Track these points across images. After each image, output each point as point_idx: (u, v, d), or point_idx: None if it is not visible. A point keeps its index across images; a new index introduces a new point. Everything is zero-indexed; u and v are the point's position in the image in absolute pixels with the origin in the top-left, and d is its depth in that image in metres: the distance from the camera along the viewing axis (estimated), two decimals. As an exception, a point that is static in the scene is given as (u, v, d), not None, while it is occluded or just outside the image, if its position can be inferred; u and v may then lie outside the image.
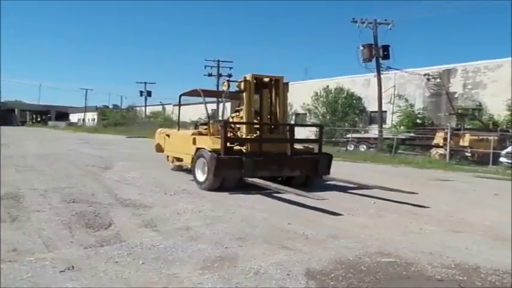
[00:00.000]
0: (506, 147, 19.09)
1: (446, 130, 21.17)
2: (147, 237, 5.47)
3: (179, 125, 13.47)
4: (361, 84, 35.00)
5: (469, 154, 20.31)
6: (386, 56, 28.64)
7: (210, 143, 9.77)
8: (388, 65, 29.15)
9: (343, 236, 5.90)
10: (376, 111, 29.71)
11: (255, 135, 10.00)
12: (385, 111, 31.27)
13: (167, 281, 4.04)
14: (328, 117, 35.19)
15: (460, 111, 26.47)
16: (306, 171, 10.25)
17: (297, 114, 40.15)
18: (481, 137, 20.62)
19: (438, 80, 30.68)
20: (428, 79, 31.08)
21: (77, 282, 3.91)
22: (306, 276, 4.32)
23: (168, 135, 12.88)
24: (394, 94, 32.66)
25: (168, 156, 13.00)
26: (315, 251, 5.20)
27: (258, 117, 10.50)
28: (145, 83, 68.24)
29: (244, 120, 10.05)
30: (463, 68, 29.66)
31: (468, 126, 24.06)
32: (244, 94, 9.96)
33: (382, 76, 29.07)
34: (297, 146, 10.51)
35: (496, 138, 19.91)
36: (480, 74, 28.64)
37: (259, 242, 5.53)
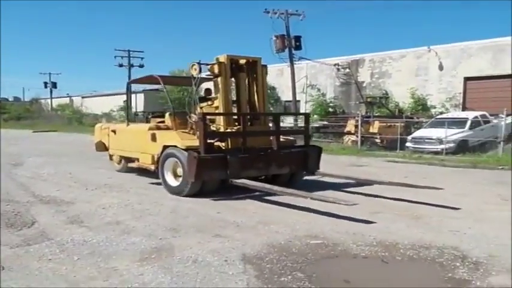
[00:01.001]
0: (411, 133, 20.58)
1: (357, 118, 22.38)
2: (76, 234, 5.43)
3: (128, 119, 11.40)
4: (275, 74, 35.71)
5: (378, 140, 21.62)
6: (298, 47, 29.48)
7: (179, 138, 8.41)
8: (300, 55, 30.07)
9: (272, 222, 6.20)
10: (290, 101, 30.61)
11: (235, 128, 8.49)
12: (299, 101, 32.29)
13: (107, 274, 4.08)
14: (242, 106, 35.67)
15: (368, 99, 28.04)
16: (295, 168, 9.12)
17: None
18: (388, 124, 22.01)
19: (347, 70, 32.22)
20: (338, 69, 32.50)
21: (11, 282, 3.83)
22: (242, 261, 4.55)
23: (114, 131, 10.98)
24: (307, 84, 33.84)
25: (111, 156, 11.35)
26: (247, 237, 5.45)
27: (235, 106, 9.10)
28: (49, 73, 64.65)
29: (221, 111, 8.47)
30: (370, 58, 31.41)
31: (376, 114, 25.60)
32: (219, 79, 8.36)
33: (295, 66, 29.97)
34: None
35: (402, 124, 21.37)
36: (386, 64, 30.51)
37: (192, 231, 5.68)
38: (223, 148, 8.35)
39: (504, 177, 11.44)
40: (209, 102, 9.47)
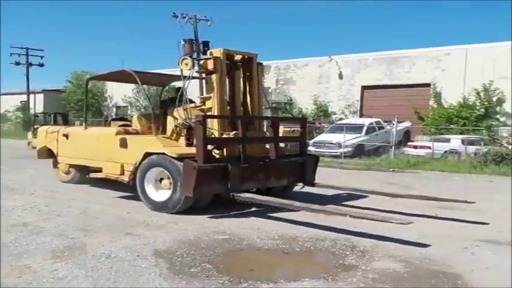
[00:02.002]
0: (313, 138, 21.80)
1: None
2: (-20, 236, 5.36)
3: (86, 121, 10.07)
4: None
5: (282, 144, 22.58)
6: (206, 52, 29.85)
7: (163, 145, 7.35)
8: (209, 59, 30.40)
9: (181, 221, 6.54)
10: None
11: (231, 133, 7.42)
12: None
13: (20, 271, 4.18)
14: (150, 109, 35.40)
15: (274, 105, 29.18)
16: (293, 179, 8.37)
17: (118, 107, 39.69)
18: (292, 129, 23.08)
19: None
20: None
21: None
22: (154, 256, 4.85)
23: (65, 136, 9.35)
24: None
25: (56, 164, 9.95)
26: (157, 234, 5.74)
27: (228, 108, 7.93)
28: None
29: (215, 112, 7.34)
30: (276, 65, 32.66)
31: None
32: (213, 76, 7.30)
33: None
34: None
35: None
36: (290, 71, 31.97)
37: (102, 231, 5.86)
38: (218, 157, 7.39)
39: (394, 178, 12.69)
40: (195, 103, 8.13)
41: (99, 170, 8.52)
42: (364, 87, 28.93)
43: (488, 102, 23.44)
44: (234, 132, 7.40)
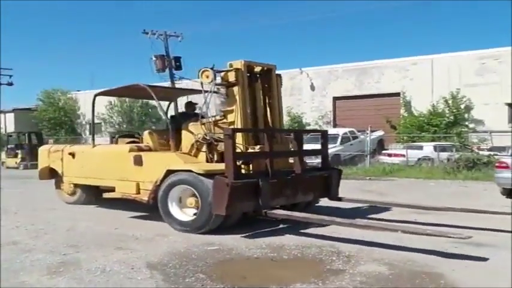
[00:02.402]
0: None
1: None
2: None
3: (94, 138, 9.39)
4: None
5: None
6: (179, 67, 30.06)
7: (183, 161, 7.03)
8: (181, 75, 30.58)
9: (170, 234, 6.67)
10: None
11: (256, 147, 7.10)
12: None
13: (19, 288, 4.26)
14: (124, 126, 35.33)
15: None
16: (319, 194, 8.00)
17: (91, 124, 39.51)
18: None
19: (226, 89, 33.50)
20: (218, 89, 33.53)
21: None
22: (148, 268, 4.98)
23: (72, 154, 8.93)
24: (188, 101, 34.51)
25: (60, 185, 9.53)
26: (148, 248, 5.88)
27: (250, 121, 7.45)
28: None
29: (238, 126, 6.97)
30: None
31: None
32: (234, 89, 7.04)
33: (176, 85, 30.42)
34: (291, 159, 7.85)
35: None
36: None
37: (94, 247, 5.94)
38: (245, 172, 7.05)
39: (371, 186, 13.05)
40: (217, 117, 7.73)
41: (111, 190, 8.10)
42: (335, 98, 29.55)
43: (457, 109, 24.29)
44: (258, 146, 7.09)
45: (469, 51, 25.84)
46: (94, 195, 9.02)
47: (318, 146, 19.69)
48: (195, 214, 6.67)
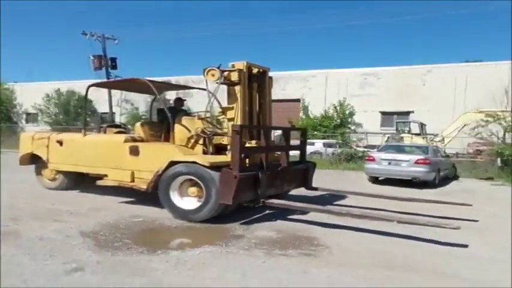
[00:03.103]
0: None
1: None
2: None
3: (85, 127, 8.47)
4: (92, 89, 34.52)
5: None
6: (114, 67, 29.14)
7: (184, 153, 6.52)
8: (116, 74, 29.67)
9: (101, 209, 6.72)
10: (106, 113, 29.93)
11: (253, 142, 6.70)
12: (115, 113, 31.75)
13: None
14: (61, 117, 33.56)
15: (174, 114, 29.42)
16: (298, 184, 7.78)
17: (28, 114, 37.00)
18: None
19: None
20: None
21: None
22: (81, 235, 5.06)
23: (59, 142, 8.06)
24: (121, 99, 33.51)
25: (41, 170, 8.59)
26: (81, 220, 5.89)
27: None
28: None
29: (238, 122, 6.46)
30: (176, 80, 32.76)
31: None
32: (236, 88, 6.58)
33: (111, 83, 29.58)
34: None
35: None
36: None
37: (32, 219, 5.85)
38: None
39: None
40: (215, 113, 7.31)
41: (100, 178, 7.39)
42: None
43: (343, 114, 25.95)
44: (254, 141, 6.72)
45: (355, 68, 27.73)
46: (75, 181, 8.33)
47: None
48: (199, 202, 6.14)
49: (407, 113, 24.43)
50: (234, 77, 6.49)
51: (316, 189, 7.98)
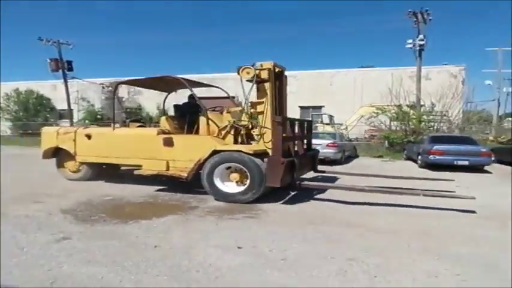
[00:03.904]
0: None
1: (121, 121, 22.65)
2: None
3: (115, 122, 7.59)
4: (49, 88, 32.24)
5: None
6: (70, 69, 27.45)
7: (216, 143, 6.21)
8: (72, 75, 27.97)
9: (77, 190, 6.58)
10: (65, 109, 28.17)
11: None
12: (73, 110, 29.95)
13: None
14: (21, 113, 30.98)
15: (127, 110, 28.36)
16: (310, 168, 7.47)
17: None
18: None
19: (110, 88, 31.58)
20: (103, 87, 31.53)
21: None
22: (61, 212, 5.01)
23: (88, 136, 7.39)
24: (78, 97, 31.68)
25: (63, 163, 7.83)
26: (59, 200, 5.77)
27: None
28: None
29: (268, 115, 6.18)
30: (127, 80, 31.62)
31: (132, 120, 26.31)
32: (266, 84, 6.21)
33: (68, 83, 27.75)
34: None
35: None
36: (139, 85, 31.29)
37: (14, 201, 5.62)
38: (268, 152, 6.13)
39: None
40: (238, 108, 6.89)
41: (133, 168, 6.93)
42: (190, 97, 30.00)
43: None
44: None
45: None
46: (99, 172, 7.73)
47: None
48: (239, 186, 5.95)
49: (320, 107, 25.66)
50: (264, 74, 6.16)
51: (323, 172, 7.83)
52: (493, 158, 11.57)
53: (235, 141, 6.50)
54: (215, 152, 6.03)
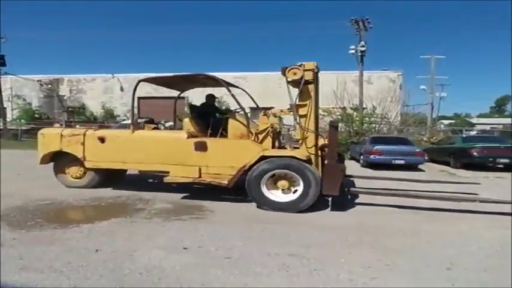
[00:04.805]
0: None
1: (61, 122, 21.27)
2: None
3: (134, 123, 6.81)
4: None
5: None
6: (3, 64, 25.43)
7: (262, 149, 5.74)
8: (5, 70, 25.93)
9: (10, 196, 6.12)
10: (-3, 107, 26.06)
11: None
12: (6, 108, 27.71)
13: None
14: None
15: (69, 109, 26.85)
16: None
17: None
18: (87, 127, 21.86)
19: (50, 86, 29.67)
20: (41, 84, 29.56)
21: None
22: (-7, 219, 4.65)
23: (101, 139, 6.55)
24: (12, 94, 29.37)
25: (63, 169, 7.00)
26: (-11, 206, 5.35)
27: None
28: None
29: (312, 118, 5.77)
30: (69, 79, 29.92)
31: (77, 120, 24.82)
32: (310, 86, 5.76)
33: (1, 79, 25.65)
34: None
35: (97, 127, 21.71)
36: (81, 84, 29.73)
37: None
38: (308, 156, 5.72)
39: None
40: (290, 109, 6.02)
41: (156, 173, 6.39)
42: (140, 98, 29.19)
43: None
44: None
45: (231, 72, 28.56)
46: (107, 178, 6.98)
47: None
48: (286, 193, 5.52)
49: (269, 108, 26.21)
50: (309, 76, 5.70)
51: (350, 176, 7.71)
52: (426, 158, 12.59)
53: (273, 146, 6.13)
54: (262, 158, 5.57)
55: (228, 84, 6.37)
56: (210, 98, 7.43)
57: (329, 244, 3.95)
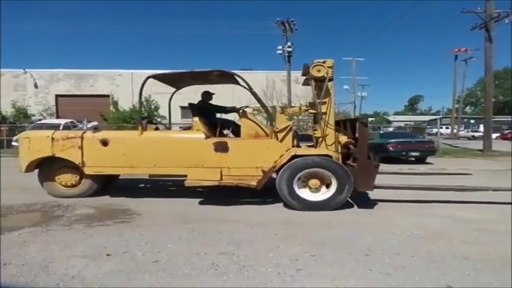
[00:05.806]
0: (15, 135, 19.03)
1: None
2: None
3: (142, 126, 6.02)
4: None
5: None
6: None
7: (284, 148, 5.58)
8: None
9: None
10: None
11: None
12: None
13: None
14: None
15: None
16: None
17: None
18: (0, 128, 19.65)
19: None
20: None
21: None
22: None
23: (103, 142, 5.82)
24: None
25: (52, 177, 6.14)
26: None
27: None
28: None
29: (332, 115, 5.70)
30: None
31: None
32: (329, 83, 5.58)
33: None
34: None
35: (6, 128, 19.53)
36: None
37: None
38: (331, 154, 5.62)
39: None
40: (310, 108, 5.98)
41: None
42: (58, 96, 27.01)
43: (149, 108, 25.68)
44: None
45: (156, 70, 27.68)
46: (104, 185, 6.37)
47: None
48: (315, 192, 5.46)
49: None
50: (330, 72, 5.61)
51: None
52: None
53: (293, 145, 5.97)
54: (294, 157, 5.48)
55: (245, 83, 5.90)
56: (207, 95, 6.98)
57: (259, 240, 4.03)
